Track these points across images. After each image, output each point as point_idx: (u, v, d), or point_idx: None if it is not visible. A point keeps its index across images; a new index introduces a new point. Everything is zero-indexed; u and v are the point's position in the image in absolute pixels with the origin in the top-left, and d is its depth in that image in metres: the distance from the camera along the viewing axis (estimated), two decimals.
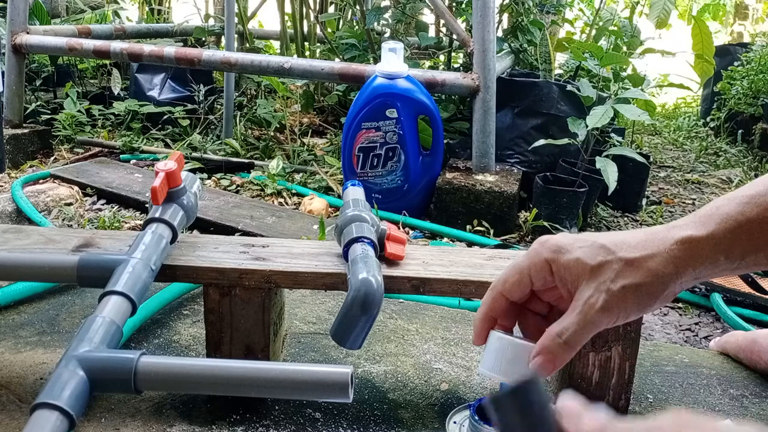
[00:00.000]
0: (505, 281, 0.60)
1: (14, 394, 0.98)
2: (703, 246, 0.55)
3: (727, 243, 0.54)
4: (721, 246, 0.54)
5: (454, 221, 2.07)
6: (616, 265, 0.55)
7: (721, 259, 0.55)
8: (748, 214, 0.54)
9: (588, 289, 0.55)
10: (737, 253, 0.55)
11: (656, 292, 0.55)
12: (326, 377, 0.76)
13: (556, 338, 0.56)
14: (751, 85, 3.58)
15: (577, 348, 0.56)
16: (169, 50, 2.48)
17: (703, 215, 0.56)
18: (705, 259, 0.55)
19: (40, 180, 2.21)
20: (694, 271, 0.55)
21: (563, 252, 0.57)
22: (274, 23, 4.13)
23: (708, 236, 0.55)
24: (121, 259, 0.90)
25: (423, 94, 2.10)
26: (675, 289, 0.55)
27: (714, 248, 0.54)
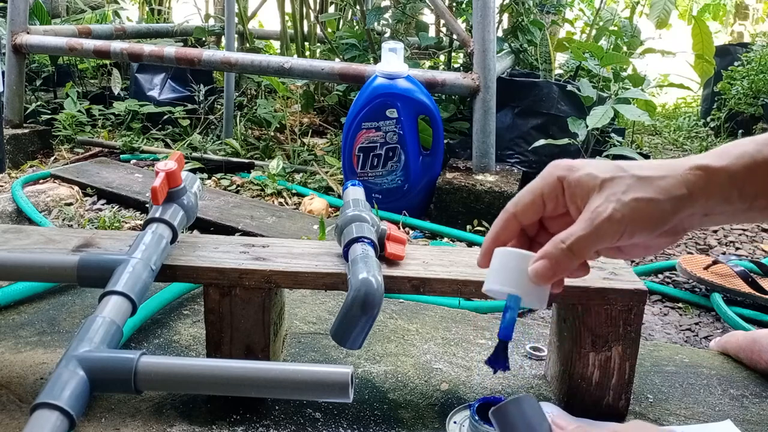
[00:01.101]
0: (517, 202, 0.59)
1: (14, 394, 0.98)
2: (718, 176, 0.53)
3: (741, 178, 0.53)
4: (735, 180, 0.53)
5: (454, 221, 2.07)
6: (628, 180, 0.54)
7: (734, 194, 0.53)
8: (765, 153, 0.53)
9: (598, 199, 0.54)
10: (750, 191, 0.53)
11: (666, 215, 0.53)
12: (326, 377, 0.76)
13: (560, 244, 0.54)
14: (751, 85, 3.58)
15: (580, 258, 0.54)
16: (169, 50, 2.48)
17: (721, 150, 0.55)
18: (718, 191, 0.53)
19: (41, 180, 2.21)
20: (706, 202, 0.53)
21: (575, 169, 0.56)
22: (274, 23, 4.14)
23: (724, 168, 0.53)
24: (121, 259, 0.90)
25: (423, 94, 2.10)
26: (684, 219, 0.54)
27: (728, 181, 0.53)
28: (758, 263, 1.71)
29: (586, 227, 0.53)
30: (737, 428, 0.98)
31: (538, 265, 0.54)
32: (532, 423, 0.53)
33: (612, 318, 0.94)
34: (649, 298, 1.64)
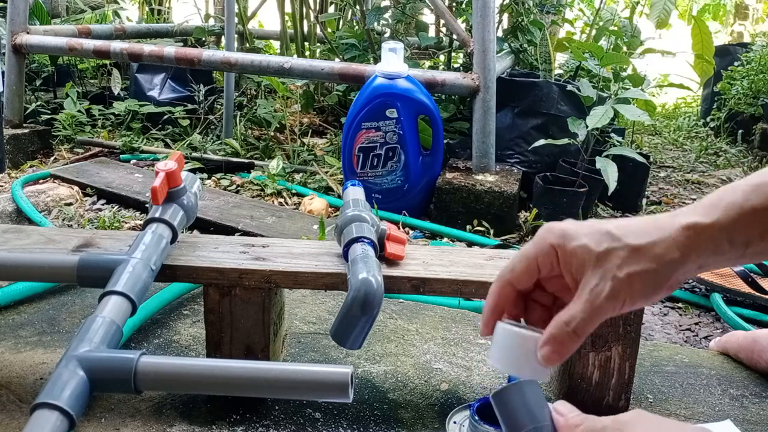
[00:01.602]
0: (512, 269, 0.60)
1: (14, 394, 0.98)
2: (708, 232, 0.54)
3: (731, 230, 0.54)
4: (725, 232, 0.54)
5: (454, 221, 2.07)
6: (622, 252, 0.55)
7: (725, 246, 0.54)
8: (753, 201, 0.54)
9: (594, 276, 0.55)
10: (741, 240, 0.54)
11: (661, 280, 0.54)
12: (326, 377, 0.76)
13: (564, 327, 0.55)
14: (751, 85, 3.58)
15: (584, 337, 0.56)
16: (169, 50, 2.48)
17: (707, 203, 0.56)
18: (710, 246, 0.54)
19: (40, 180, 2.21)
20: (698, 258, 0.54)
21: (569, 238, 0.57)
22: (274, 23, 4.14)
23: (712, 223, 0.54)
24: (121, 259, 0.90)
25: (423, 94, 2.10)
26: (680, 276, 0.55)
27: (718, 235, 0.54)
28: (758, 263, 1.71)
29: (587, 308, 0.55)
30: (737, 428, 0.98)
31: (546, 351, 0.56)
32: (533, 408, 0.53)
33: (612, 318, 0.94)
34: None
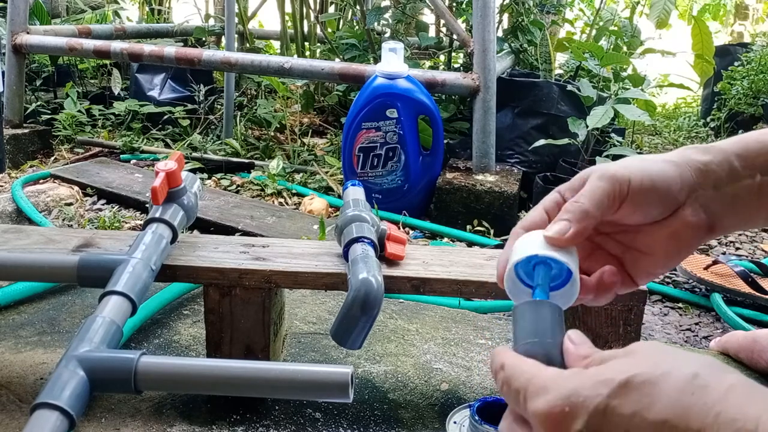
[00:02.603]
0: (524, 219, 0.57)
1: (14, 394, 0.98)
2: (712, 149, 0.54)
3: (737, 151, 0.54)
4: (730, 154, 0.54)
5: (454, 221, 2.07)
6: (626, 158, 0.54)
7: (735, 165, 0.53)
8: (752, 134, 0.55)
9: (599, 169, 0.53)
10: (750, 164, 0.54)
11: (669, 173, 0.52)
12: (326, 377, 0.76)
13: (573, 202, 0.52)
14: (751, 85, 3.58)
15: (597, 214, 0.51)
16: (169, 50, 2.48)
17: None
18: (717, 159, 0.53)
19: (41, 180, 2.21)
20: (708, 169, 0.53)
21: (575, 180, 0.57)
22: (274, 23, 4.14)
23: (716, 144, 0.55)
24: (121, 259, 0.90)
25: (423, 94, 2.10)
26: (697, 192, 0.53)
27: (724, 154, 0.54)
28: (758, 263, 1.71)
29: (593, 182, 0.52)
30: None
31: (554, 226, 0.52)
32: (546, 325, 0.48)
33: (612, 318, 0.94)
34: (649, 298, 1.64)
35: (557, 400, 0.39)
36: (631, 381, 0.37)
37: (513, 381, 0.43)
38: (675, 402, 0.35)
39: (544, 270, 0.52)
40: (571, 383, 0.39)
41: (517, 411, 0.43)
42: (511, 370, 0.44)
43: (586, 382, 0.39)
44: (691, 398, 0.35)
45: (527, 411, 0.41)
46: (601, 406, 0.37)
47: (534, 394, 0.41)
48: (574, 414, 0.38)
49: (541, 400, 0.40)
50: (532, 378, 0.42)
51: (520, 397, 0.42)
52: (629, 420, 0.36)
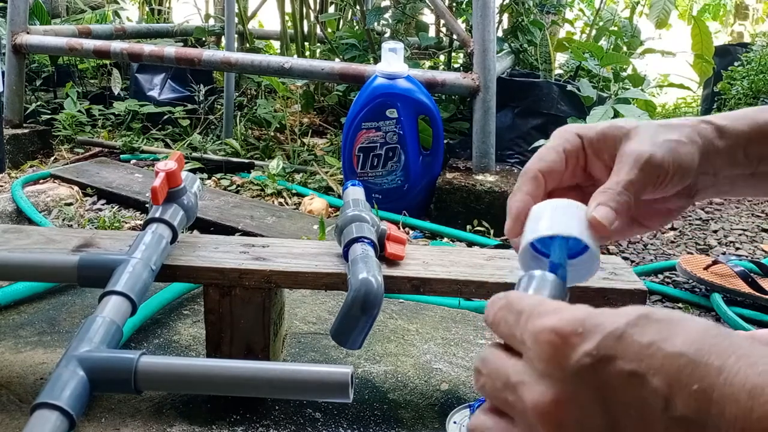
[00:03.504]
0: (541, 158, 0.54)
1: (14, 394, 0.98)
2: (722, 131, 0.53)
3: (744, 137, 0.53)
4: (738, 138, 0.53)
5: (454, 221, 2.07)
6: (654, 126, 0.52)
7: (739, 154, 0.53)
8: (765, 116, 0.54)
9: (631, 144, 0.51)
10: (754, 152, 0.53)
11: (693, 157, 0.52)
12: (326, 377, 0.76)
13: (612, 189, 0.49)
14: (751, 85, 3.58)
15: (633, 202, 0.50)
16: (169, 50, 2.48)
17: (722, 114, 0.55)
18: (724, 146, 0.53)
19: (41, 180, 2.21)
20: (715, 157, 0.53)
21: (591, 127, 0.54)
22: (274, 23, 4.14)
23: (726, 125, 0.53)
24: (121, 259, 0.90)
25: (423, 94, 2.10)
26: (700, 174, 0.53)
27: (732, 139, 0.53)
28: (758, 263, 1.71)
29: (631, 170, 0.50)
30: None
31: (601, 210, 0.48)
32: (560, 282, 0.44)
33: None
34: (649, 298, 1.64)
35: (570, 320, 0.35)
36: (651, 314, 0.34)
37: (517, 303, 0.38)
38: (696, 338, 0.32)
39: (561, 244, 0.49)
40: (587, 310, 0.36)
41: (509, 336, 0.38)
42: (517, 297, 0.39)
43: (602, 312, 0.36)
44: (714, 339, 0.32)
45: (527, 329, 0.36)
46: (617, 331, 0.34)
47: (543, 314, 0.36)
48: (585, 336, 0.34)
49: (552, 317, 0.35)
50: (541, 302, 0.38)
51: (522, 318, 0.37)
52: (645, 348, 0.33)
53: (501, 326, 0.39)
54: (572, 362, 0.34)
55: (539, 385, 0.35)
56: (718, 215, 2.32)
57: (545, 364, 0.35)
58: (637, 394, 0.33)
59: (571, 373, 0.34)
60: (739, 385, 0.30)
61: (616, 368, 0.33)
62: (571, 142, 0.54)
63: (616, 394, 0.33)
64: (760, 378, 0.30)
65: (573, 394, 0.34)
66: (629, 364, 0.33)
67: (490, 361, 0.38)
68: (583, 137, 0.54)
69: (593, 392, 0.34)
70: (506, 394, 0.36)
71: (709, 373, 0.31)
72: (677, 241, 2.10)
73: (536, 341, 0.35)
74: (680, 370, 0.32)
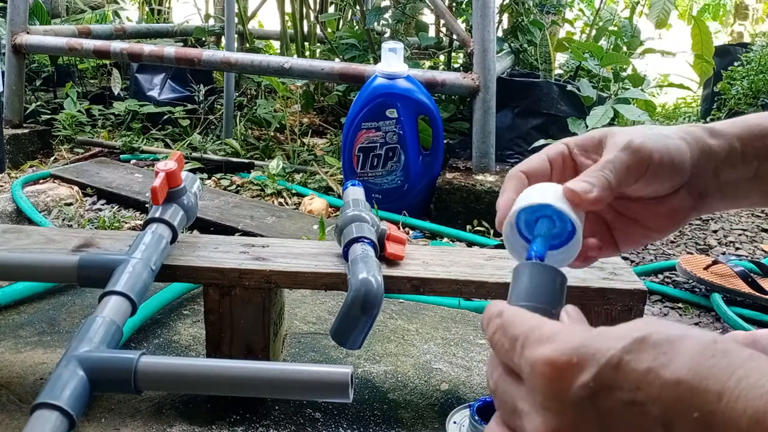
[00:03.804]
0: (523, 162, 0.56)
1: (14, 394, 0.98)
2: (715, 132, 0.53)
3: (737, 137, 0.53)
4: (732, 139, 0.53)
5: (454, 221, 2.07)
6: (640, 128, 0.53)
7: (736, 155, 0.53)
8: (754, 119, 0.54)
9: (615, 137, 0.52)
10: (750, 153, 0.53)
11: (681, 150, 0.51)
12: (326, 377, 0.76)
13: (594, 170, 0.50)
14: (751, 85, 3.58)
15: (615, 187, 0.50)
16: (169, 50, 2.48)
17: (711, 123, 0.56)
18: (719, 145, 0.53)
19: (40, 180, 2.21)
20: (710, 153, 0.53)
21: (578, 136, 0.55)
22: (274, 23, 4.14)
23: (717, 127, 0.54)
24: (121, 259, 0.90)
25: (423, 94, 2.10)
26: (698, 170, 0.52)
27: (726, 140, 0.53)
28: (758, 263, 1.71)
29: (612, 152, 0.50)
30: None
31: (577, 182, 0.49)
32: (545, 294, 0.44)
33: (612, 318, 0.94)
34: (649, 298, 1.64)
35: (565, 350, 0.35)
36: (648, 338, 0.34)
37: (512, 327, 0.38)
38: (693, 362, 0.32)
39: (547, 224, 0.50)
40: (581, 335, 0.35)
41: (507, 362, 0.39)
42: (511, 318, 0.39)
43: (597, 336, 0.35)
44: (711, 360, 0.32)
45: (523, 358, 0.36)
46: (614, 359, 0.33)
47: (537, 342, 0.36)
48: (582, 365, 0.34)
49: (546, 347, 0.35)
50: (536, 327, 0.37)
51: (517, 345, 0.37)
52: (643, 377, 0.32)
53: (498, 350, 0.39)
54: (570, 395, 0.34)
55: (539, 416, 0.35)
56: (718, 215, 2.32)
57: (543, 396, 0.35)
58: (638, 423, 0.32)
59: (570, 405, 0.34)
60: (740, 411, 0.30)
61: (615, 398, 0.33)
62: (555, 147, 0.55)
63: (616, 422, 0.33)
64: (761, 401, 0.29)
65: (572, 425, 0.34)
66: (627, 394, 0.33)
67: (499, 383, 0.39)
68: (568, 143, 0.55)
69: (593, 422, 0.34)
70: (515, 418, 0.37)
71: (709, 400, 0.31)
72: (677, 241, 2.10)
73: (533, 373, 0.35)
74: (679, 397, 0.32)
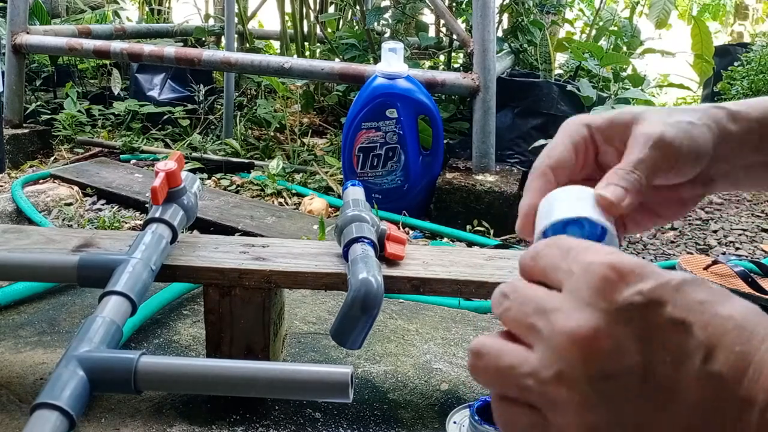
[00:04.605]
0: (550, 155, 0.52)
1: (14, 394, 0.98)
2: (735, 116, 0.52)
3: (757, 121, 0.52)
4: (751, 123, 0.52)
5: (454, 221, 2.07)
6: (664, 110, 0.51)
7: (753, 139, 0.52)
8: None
9: (642, 127, 0.49)
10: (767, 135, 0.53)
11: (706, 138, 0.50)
12: (326, 377, 0.76)
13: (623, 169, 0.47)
14: (751, 85, 3.58)
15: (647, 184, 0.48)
16: (169, 50, 2.48)
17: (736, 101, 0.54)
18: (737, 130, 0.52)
19: (40, 180, 2.21)
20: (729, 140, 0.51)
21: (599, 116, 0.53)
22: (274, 23, 4.14)
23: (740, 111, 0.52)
24: (121, 259, 0.90)
25: (423, 94, 2.10)
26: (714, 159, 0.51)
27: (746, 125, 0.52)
28: (758, 263, 1.71)
29: (642, 149, 0.48)
30: None
31: (610, 188, 0.46)
32: None
33: None
34: None
35: (627, 262, 0.34)
36: (705, 281, 0.34)
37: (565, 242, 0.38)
38: (745, 310, 0.33)
39: (576, 231, 0.47)
40: (642, 260, 0.35)
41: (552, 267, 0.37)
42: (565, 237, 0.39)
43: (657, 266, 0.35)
44: (759, 316, 0.33)
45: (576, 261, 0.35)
46: (673, 281, 0.33)
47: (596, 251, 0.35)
48: (642, 276, 0.33)
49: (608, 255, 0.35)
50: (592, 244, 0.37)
51: (572, 252, 0.36)
52: (697, 304, 0.33)
53: (543, 259, 0.38)
54: (623, 297, 0.33)
55: (580, 312, 0.34)
56: (718, 215, 2.32)
57: (592, 293, 0.34)
58: (680, 343, 0.33)
59: (618, 308, 0.33)
60: None
61: (666, 313, 0.33)
62: (579, 133, 0.52)
63: (658, 337, 0.33)
64: None
65: (614, 327, 0.33)
66: (680, 312, 0.33)
67: (521, 288, 0.37)
68: (591, 125, 0.52)
69: (635, 331, 0.33)
70: (534, 319, 0.35)
71: (753, 339, 0.32)
72: (677, 241, 2.10)
73: (587, 270, 0.34)
74: (727, 330, 0.32)
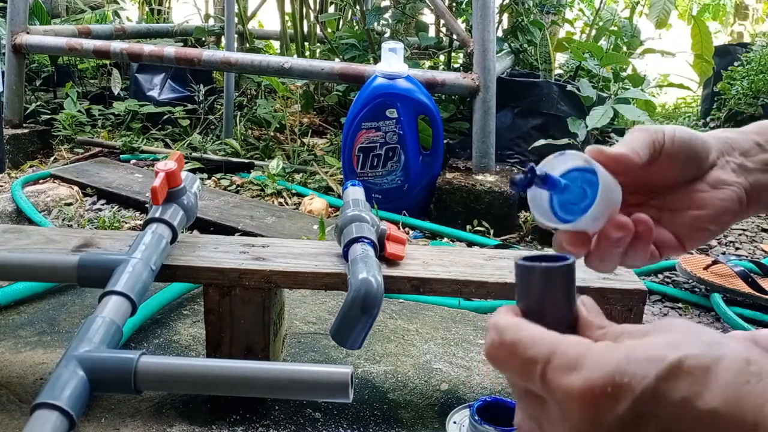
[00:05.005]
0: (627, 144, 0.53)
1: (14, 394, 0.98)
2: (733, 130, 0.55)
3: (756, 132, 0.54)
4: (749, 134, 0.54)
5: (454, 221, 2.07)
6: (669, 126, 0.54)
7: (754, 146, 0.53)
8: None
9: None
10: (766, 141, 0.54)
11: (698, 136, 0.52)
12: (326, 377, 0.76)
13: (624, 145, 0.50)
14: (751, 85, 3.58)
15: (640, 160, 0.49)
16: (169, 50, 2.48)
17: None
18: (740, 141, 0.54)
19: (40, 180, 2.21)
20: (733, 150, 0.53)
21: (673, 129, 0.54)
22: (274, 23, 4.13)
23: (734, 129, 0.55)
24: (121, 259, 0.90)
25: (423, 94, 2.10)
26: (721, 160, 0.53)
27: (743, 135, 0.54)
28: (758, 263, 1.71)
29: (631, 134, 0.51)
30: None
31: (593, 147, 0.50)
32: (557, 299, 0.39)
33: (612, 318, 0.94)
34: (649, 298, 1.64)
35: (598, 378, 0.33)
36: (683, 362, 0.32)
37: (526, 348, 0.36)
38: (728, 391, 0.31)
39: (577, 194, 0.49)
40: (612, 358, 0.33)
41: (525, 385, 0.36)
42: (523, 333, 0.36)
43: (630, 358, 0.33)
44: (746, 387, 0.31)
45: (550, 386, 0.34)
46: (649, 389, 0.32)
47: (564, 368, 0.34)
48: (617, 395, 0.32)
49: (575, 376, 0.33)
50: (556, 347, 0.35)
51: (536, 368, 0.35)
52: (677, 407, 0.32)
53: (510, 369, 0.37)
54: (606, 425, 0.33)
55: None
56: None
57: (578, 424, 0.34)
58: None
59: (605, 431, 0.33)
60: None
61: (650, 427, 0.32)
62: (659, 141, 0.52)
63: None
64: None
65: None
66: (663, 424, 0.32)
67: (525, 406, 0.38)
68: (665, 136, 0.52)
69: None
70: None
71: (744, 430, 0.31)
72: None
73: (566, 402, 0.34)
74: (715, 428, 0.31)
